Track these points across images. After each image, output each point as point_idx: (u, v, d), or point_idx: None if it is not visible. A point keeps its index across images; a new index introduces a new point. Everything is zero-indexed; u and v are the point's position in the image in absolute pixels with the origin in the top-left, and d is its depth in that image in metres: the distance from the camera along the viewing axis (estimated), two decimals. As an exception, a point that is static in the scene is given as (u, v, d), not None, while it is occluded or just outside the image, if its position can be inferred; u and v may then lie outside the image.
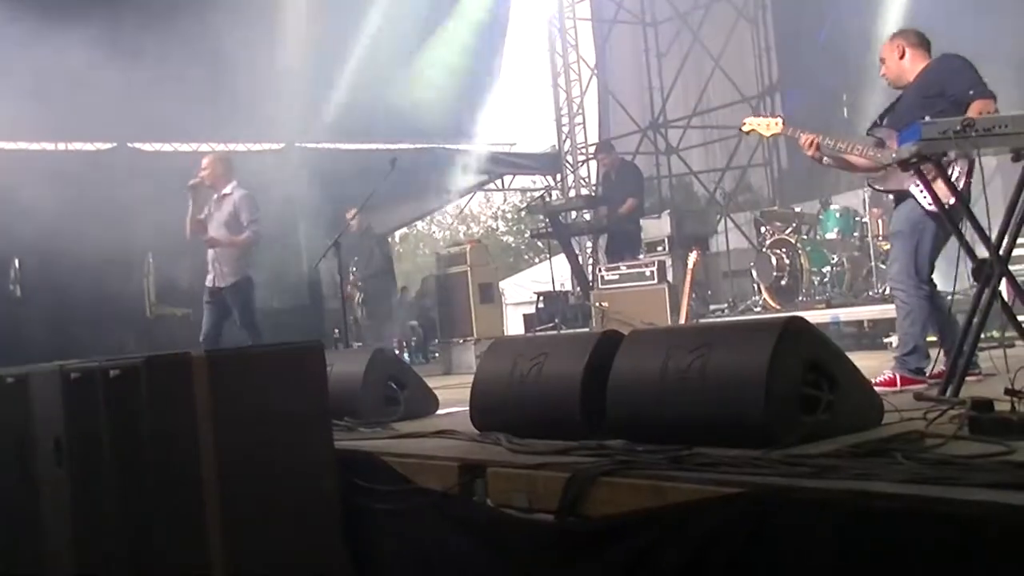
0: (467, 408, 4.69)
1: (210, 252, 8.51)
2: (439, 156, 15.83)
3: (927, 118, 4.38)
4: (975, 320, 4.19)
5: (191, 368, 3.68)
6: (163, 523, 3.61)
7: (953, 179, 4.74)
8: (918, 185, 4.95)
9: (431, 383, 6.18)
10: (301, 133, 14.16)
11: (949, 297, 5.03)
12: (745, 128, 5.96)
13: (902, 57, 5.34)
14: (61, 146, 13.25)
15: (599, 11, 16.83)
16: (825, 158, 5.54)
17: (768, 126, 5.81)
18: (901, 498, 2.51)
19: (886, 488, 2.59)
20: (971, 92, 4.91)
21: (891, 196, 5.66)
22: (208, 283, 8.61)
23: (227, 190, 8.49)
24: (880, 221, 8.96)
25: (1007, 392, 3.36)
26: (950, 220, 4.54)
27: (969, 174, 4.72)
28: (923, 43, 5.36)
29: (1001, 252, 4.17)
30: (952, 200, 4.63)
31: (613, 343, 4.02)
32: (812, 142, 5.44)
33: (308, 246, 13.00)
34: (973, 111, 4.78)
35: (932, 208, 4.92)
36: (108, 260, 11.04)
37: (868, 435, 3.36)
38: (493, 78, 17.04)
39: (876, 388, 4.07)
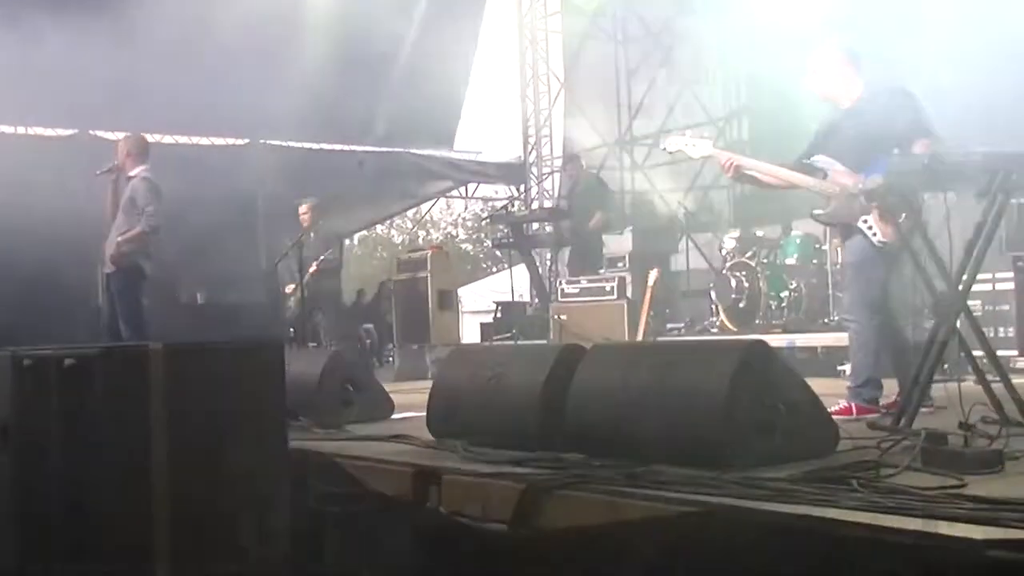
0: (422, 413, 4.67)
1: (109, 237, 7.96)
2: (404, 160, 15.80)
3: (893, 154, 4.42)
4: (931, 352, 4.23)
5: (148, 360, 3.63)
6: (109, 515, 3.56)
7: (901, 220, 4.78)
8: (866, 221, 4.96)
9: (385, 388, 6.15)
10: (266, 129, 14.07)
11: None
12: (670, 148, 5.65)
13: (838, 74, 5.19)
14: (20, 130, 13.06)
15: (571, 25, 16.87)
16: (751, 174, 5.41)
17: (695, 147, 5.53)
18: (855, 526, 2.53)
19: (841, 515, 2.61)
20: (916, 134, 4.85)
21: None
22: (104, 270, 8.15)
23: (133, 173, 7.91)
24: (839, 250, 9.02)
25: (961, 426, 3.40)
26: (910, 251, 4.56)
27: (910, 211, 4.63)
28: (858, 60, 5.23)
29: (960, 287, 4.22)
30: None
31: (574, 357, 4.03)
32: (731, 165, 5.31)
33: (268, 243, 12.91)
34: (918, 149, 4.73)
35: (881, 243, 4.94)
36: (62, 248, 10.89)
37: (823, 462, 3.39)
38: (463, 85, 17.08)
39: (832, 416, 4.09)
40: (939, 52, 8.92)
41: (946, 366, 4.53)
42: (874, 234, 4.97)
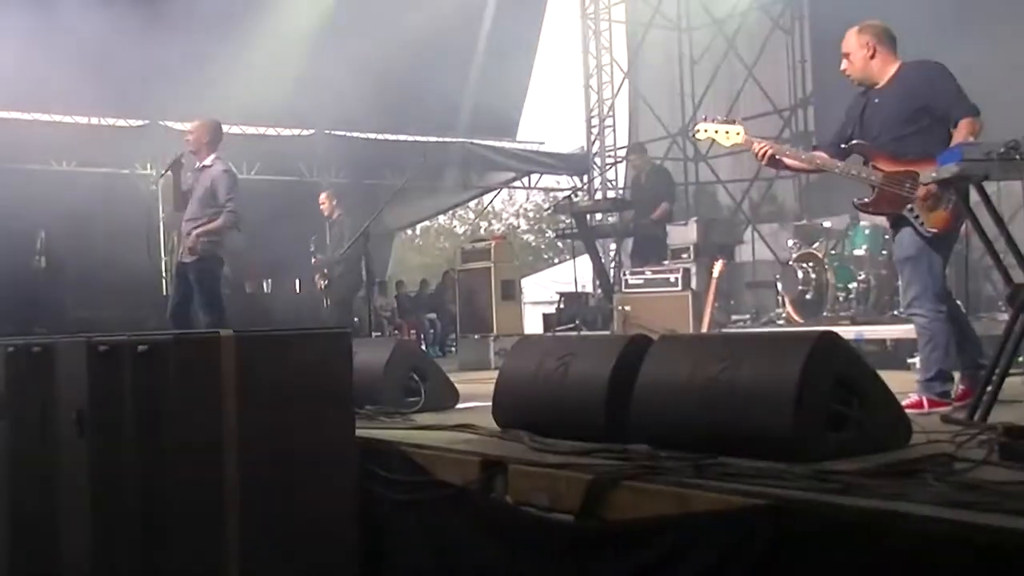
0: (487, 404, 4.68)
1: (183, 225, 8.09)
2: (467, 151, 15.84)
3: (966, 142, 4.33)
4: (1007, 345, 4.14)
5: (219, 348, 3.67)
6: (181, 499, 3.61)
7: (950, 208, 4.69)
8: (912, 210, 4.86)
9: (449, 377, 6.17)
10: (331, 121, 14.19)
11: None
12: (700, 135, 5.56)
13: (872, 56, 5.07)
14: (93, 120, 13.31)
15: (634, 14, 16.77)
16: (788, 161, 5.32)
17: (728, 134, 5.42)
18: (931, 520, 2.49)
19: (915, 509, 2.57)
20: (958, 108, 4.78)
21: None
22: (178, 257, 8.24)
23: (207, 162, 7.98)
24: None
25: (1040, 420, 3.32)
26: (984, 238, 4.46)
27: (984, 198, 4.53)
28: (892, 41, 5.10)
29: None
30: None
31: (641, 347, 4.01)
32: (764, 153, 5.23)
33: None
34: (962, 130, 4.69)
35: (931, 233, 4.84)
36: (133, 237, 11.08)
37: (896, 455, 3.33)
38: (526, 76, 17.07)
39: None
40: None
41: (1021, 359, 4.44)
42: (922, 224, 4.87)
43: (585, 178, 17.05)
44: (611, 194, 16.12)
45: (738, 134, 5.39)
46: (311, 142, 14.41)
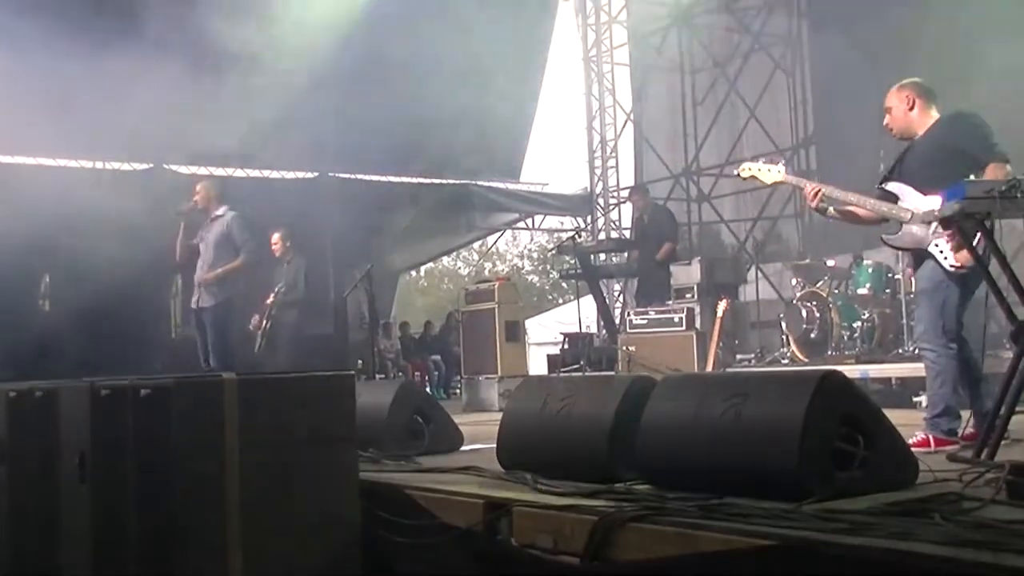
0: (491, 445, 4.66)
1: (198, 273, 8.52)
2: (471, 192, 15.91)
3: (969, 180, 4.35)
4: (1013, 383, 4.13)
5: (222, 391, 3.67)
6: (184, 545, 3.59)
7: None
8: (938, 245, 4.92)
9: (453, 419, 6.15)
10: (334, 163, 14.26)
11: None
12: (744, 174, 5.75)
13: (911, 108, 5.20)
14: (98, 164, 13.39)
15: (637, 57, 16.91)
16: (831, 209, 5.42)
17: (769, 174, 5.63)
18: (940, 560, 2.46)
19: (924, 549, 2.54)
20: (987, 154, 4.86)
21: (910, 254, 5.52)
22: (192, 304, 8.61)
23: (219, 212, 8.54)
24: (913, 279, 8.87)
25: (1047, 458, 3.30)
26: (988, 277, 4.47)
27: (987, 236, 4.52)
28: (932, 95, 5.24)
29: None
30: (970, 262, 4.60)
31: (646, 387, 4.00)
32: (816, 193, 5.33)
33: (337, 275, 13.05)
34: (988, 174, 4.73)
35: (953, 268, 4.88)
36: (138, 280, 11.12)
37: (903, 494, 3.31)
38: (529, 118, 17.17)
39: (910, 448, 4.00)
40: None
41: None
42: (945, 258, 4.91)
43: (589, 219, 17.11)
44: (615, 235, 16.17)
45: (779, 172, 5.61)
46: (315, 184, 14.48)
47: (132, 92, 11.27)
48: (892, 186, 5.19)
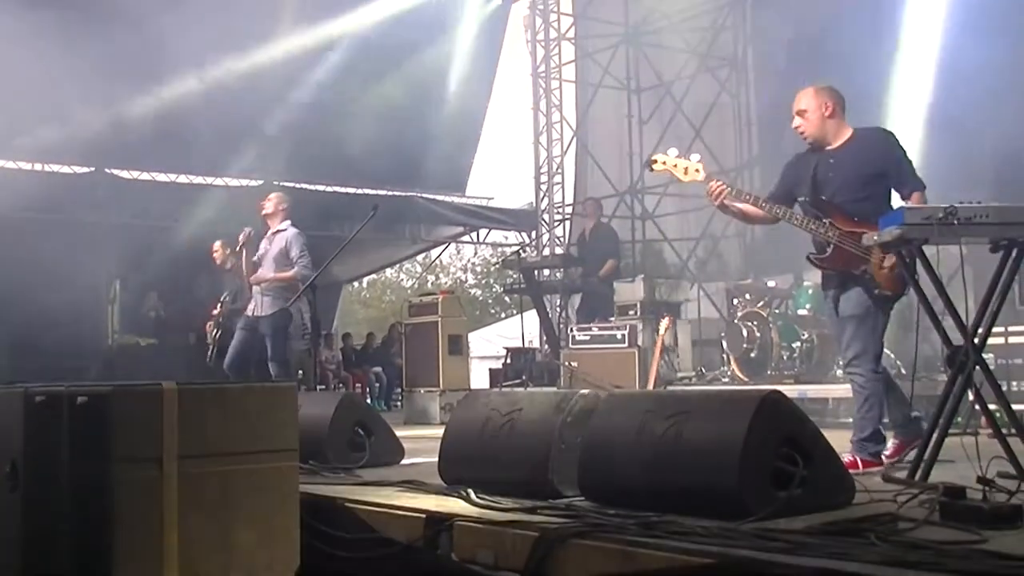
0: (433, 459, 4.65)
1: (255, 286, 8.88)
2: (415, 205, 15.87)
3: (908, 206, 4.45)
4: (947, 405, 4.21)
5: (161, 400, 3.61)
6: (119, 558, 3.52)
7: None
8: (866, 271, 4.96)
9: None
10: (280, 171, 14.14)
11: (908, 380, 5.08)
12: (656, 167, 5.36)
13: (830, 116, 5.13)
14: (37, 167, 13.15)
15: (584, 74, 17.00)
16: (731, 206, 5.28)
17: (687, 170, 5.27)
18: (876, 580, 2.50)
19: (860, 569, 2.58)
20: (910, 184, 4.98)
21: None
22: (248, 311, 8.90)
23: (282, 226, 8.89)
24: (832, 301, 9.01)
25: (979, 480, 3.37)
26: (924, 302, 4.54)
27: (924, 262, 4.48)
28: (842, 103, 5.17)
29: (976, 340, 4.21)
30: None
31: (588, 404, 4.01)
32: (719, 192, 5.14)
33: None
34: (916, 201, 4.84)
35: (881, 293, 4.96)
36: (74, 285, 10.93)
37: (840, 514, 3.36)
38: (476, 132, 17.20)
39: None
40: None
41: (959, 419, 4.50)
42: (875, 284, 4.97)
43: (533, 234, 17.15)
44: (559, 250, 16.21)
45: (697, 171, 5.24)
46: (260, 193, 14.33)
47: (73, 94, 11.12)
48: (821, 203, 5.08)
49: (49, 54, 10.62)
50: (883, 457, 5.03)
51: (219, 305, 10.47)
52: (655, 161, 5.40)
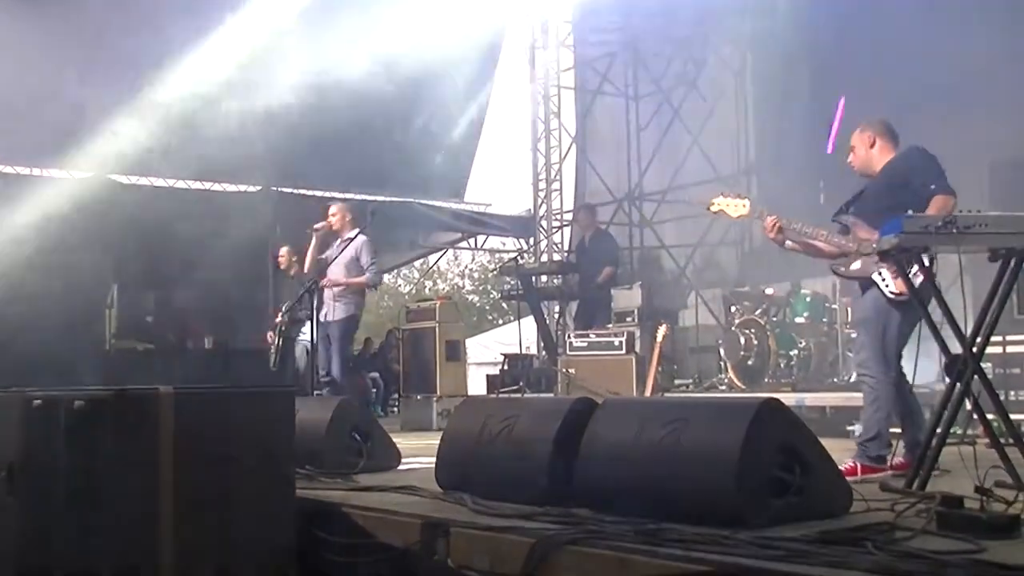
0: (429, 465, 4.65)
1: (327, 290, 9.06)
2: (413, 211, 15.85)
3: (909, 211, 4.45)
4: (944, 414, 4.20)
5: (158, 405, 3.61)
6: (115, 561, 3.52)
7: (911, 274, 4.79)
8: (881, 274, 5.04)
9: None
10: (279, 177, 14.14)
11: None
12: (713, 208, 5.87)
13: (872, 146, 5.41)
14: (36, 171, 13.12)
15: (583, 81, 17.00)
16: (788, 242, 5.55)
17: (736, 208, 5.77)
18: (872, 588, 2.50)
19: (857, 577, 2.58)
20: (933, 187, 4.99)
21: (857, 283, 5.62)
22: (321, 318, 9.02)
23: (351, 234, 9.06)
24: (849, 309, 9.01)
25: (977, 490, 3.37)
26: (923, 310, 4.55)
27: (928, 272, 4.63)
28: (892, 134, 5.43)
29: (974, 349, 4.21)
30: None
31: (586, 410, 4.01)
32: (775, 225, 5.45)
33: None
34: (933, 206, 4.86)
35: (895, 296, 5.01)
36: (72, 290, 10.91)
37: (837, 522, 3.36)
38: (474, 138, 17.19)
39: (841, 476, 4.05)
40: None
41: (957, 429, 4.50)
42: (887, 286, 5.04)
43: (531, 240, 17.14)
44: (557, 257, 16.21)
45: (744, 206, 5.74)
46: (257, 199, 14.33)
47: (73, 98, 11.11)
48: (845, 218, 5.35)
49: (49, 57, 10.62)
50: (888, 462, 5.04)
51: (280, 313, 10.46)
52: (712, 203, 5.88)
